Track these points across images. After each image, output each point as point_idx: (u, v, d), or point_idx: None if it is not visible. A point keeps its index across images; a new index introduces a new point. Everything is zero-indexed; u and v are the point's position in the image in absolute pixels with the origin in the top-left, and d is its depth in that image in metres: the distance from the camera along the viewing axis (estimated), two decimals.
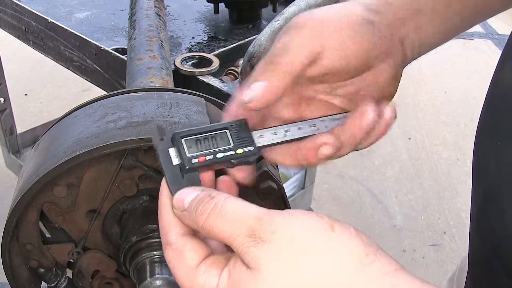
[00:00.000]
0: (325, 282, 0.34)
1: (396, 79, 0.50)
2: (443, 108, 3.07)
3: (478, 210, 0.49)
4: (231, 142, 0.45)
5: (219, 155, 0.44)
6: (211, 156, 0.43)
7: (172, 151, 0.42)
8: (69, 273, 0.64)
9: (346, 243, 0.35)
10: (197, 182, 0.43)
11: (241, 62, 0.97)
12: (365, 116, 0.45)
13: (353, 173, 2.52)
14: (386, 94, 0.50)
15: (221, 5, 1.29)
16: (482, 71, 3.46)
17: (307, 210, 0.40)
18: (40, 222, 0.59)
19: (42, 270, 0.61)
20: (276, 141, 0.47)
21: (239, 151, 0.44)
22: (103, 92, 0.85)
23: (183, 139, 0.43)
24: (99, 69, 1.15)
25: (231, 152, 0.44)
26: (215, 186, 0.45)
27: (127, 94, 0.59)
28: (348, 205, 2.34)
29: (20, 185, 0.55)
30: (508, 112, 0.46)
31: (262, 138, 0.46)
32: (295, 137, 0.47)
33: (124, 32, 1.25)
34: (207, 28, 1.26)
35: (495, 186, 0.46)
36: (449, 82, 3.34)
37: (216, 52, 1.08)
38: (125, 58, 1.02)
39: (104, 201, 0.59)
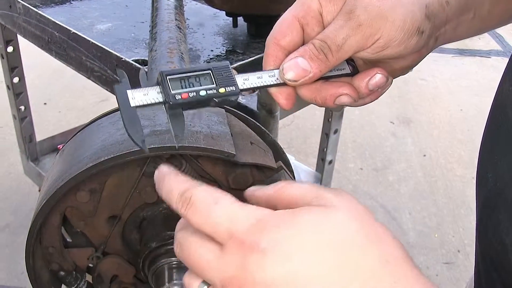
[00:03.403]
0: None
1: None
2: (459, 126, 3.06)
3: (478, 221, 0.50)
4: (214, 82, 0.47)
5: (202, 92, 0.46)
6: (194, 94, 0.46)
7: (130, 93, 0.44)
8: (88, 277, 0.65)
9: None
10: (180, 119, 0.45)
11: None
12: (374, 77, 0.50)
13: (367, 189, 2.51)
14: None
15: (240, 19, 1.31)
16: None
17: None
18: (62, 227, 0.61)
19: (62, 273, 0.63)
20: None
21: (221, 90, 0.47)
22: None
23: (168, 77, 0.45)
24: (119, 79, 1.17)
25: (214, 91, 0.47)
26: None
27: None
28: None
29: (45, 189, 0.57)
30: (504, 125, 0.47)
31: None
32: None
33: (144, 44, 1.27)
34: (226, 41, 1.28)
35: (491, 198, 0.46)
36: (465, 100, 3.32)
37: (235, 65, 1.09)
38: (146, 69, 1.03)
39: (125, 208, 0.60)
